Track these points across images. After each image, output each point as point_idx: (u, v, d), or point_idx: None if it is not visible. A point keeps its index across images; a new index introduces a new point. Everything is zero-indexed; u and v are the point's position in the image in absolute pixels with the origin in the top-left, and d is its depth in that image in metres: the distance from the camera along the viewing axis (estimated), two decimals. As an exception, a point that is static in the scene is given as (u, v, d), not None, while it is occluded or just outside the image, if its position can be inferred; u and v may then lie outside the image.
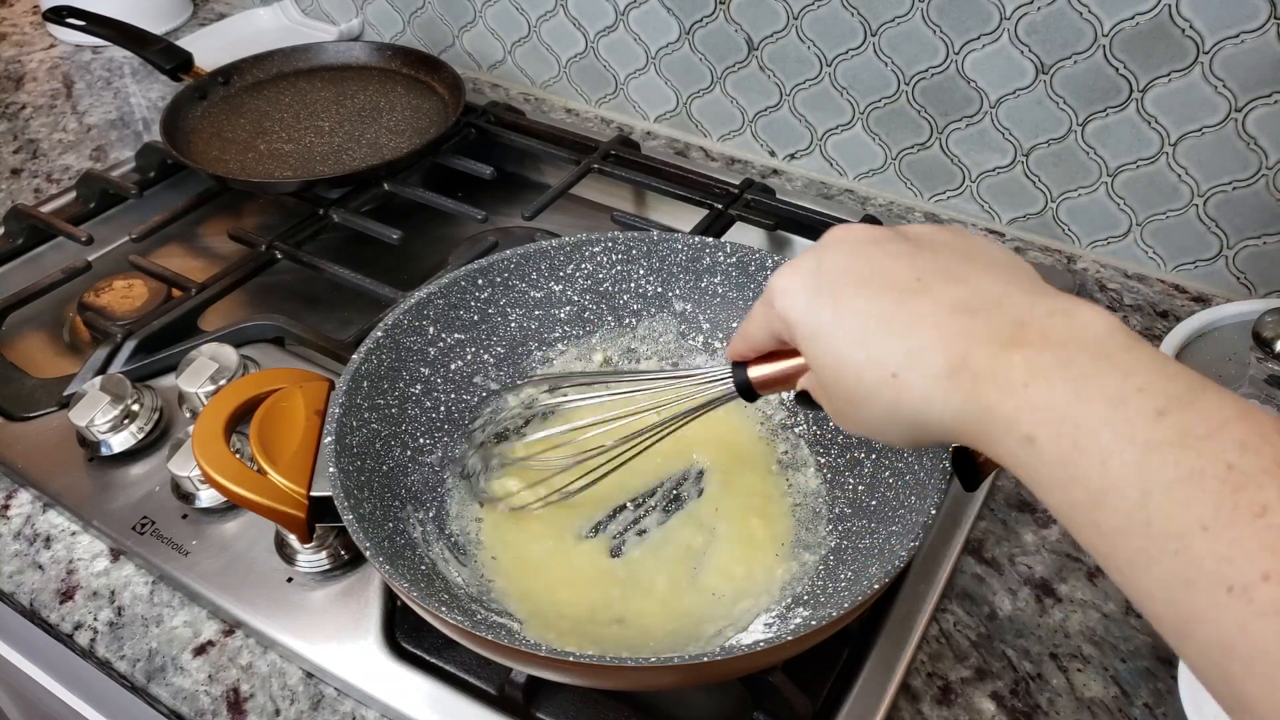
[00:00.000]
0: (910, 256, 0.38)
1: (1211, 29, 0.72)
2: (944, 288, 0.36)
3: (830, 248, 0.41)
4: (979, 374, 0.34)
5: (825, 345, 0.39)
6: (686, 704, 0.55)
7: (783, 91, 0.95)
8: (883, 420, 0.38)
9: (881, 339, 0.37)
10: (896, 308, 0.37)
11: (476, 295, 0.64)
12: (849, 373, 0.38)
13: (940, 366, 0.35)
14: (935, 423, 0.36)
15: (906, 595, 0.58)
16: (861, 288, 0.38)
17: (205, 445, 0.52)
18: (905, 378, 0.36)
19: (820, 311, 0.39)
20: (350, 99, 0.99)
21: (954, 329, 0.35)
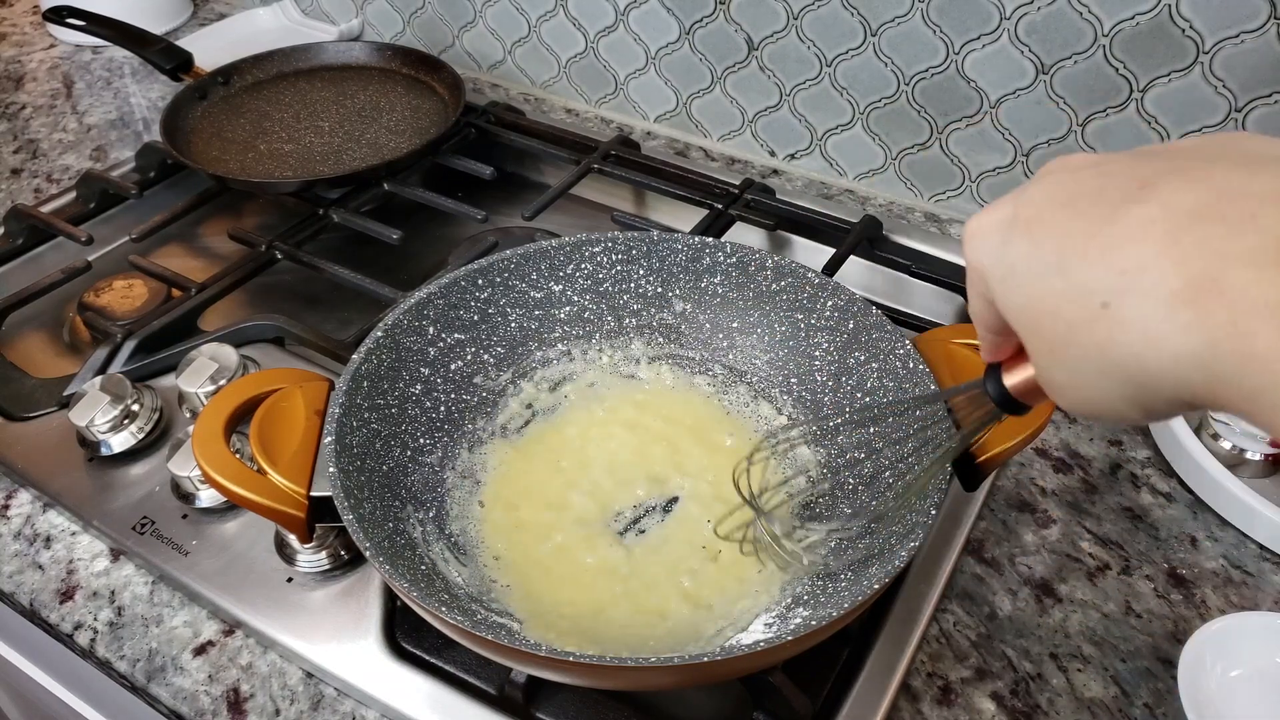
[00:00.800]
0: (1134, 163, 0.29)
1: (1211, 29, 0.72)
2: (1178, 190, 0.27)
3: (1037, 180, 0.32)
4: (1236, 300, 0.24)
5: (1019, 288, 0.30)
6: (686, 704, 0.55)
7: (783, 91, 0.95)
8: (1094, 376, 0.28)
9: (1085, 259, 0.28)
10: (1108, 221, 0.27)
11: (476, 295, 0.64)
12: (1046, 313, 0.29)
13: (1171, 288, 0.25)
14: (1169, 372, 0.26)
15: (906, 595, 0.58)
16: (1064, 208, 0.29)
17: (205, 445, 0.52)
18: (1119, 307, 0.26)
19: (1015, 245, 0.31)
20: (350, 99, 0.99)
21: (1193, 239, 0.25)
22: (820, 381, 0.62)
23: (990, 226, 0.32)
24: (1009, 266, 0.31)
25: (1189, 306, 0.25)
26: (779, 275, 0.63)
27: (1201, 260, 0.25)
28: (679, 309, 0.67)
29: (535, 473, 0.62)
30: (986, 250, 0.32)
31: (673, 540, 0.59)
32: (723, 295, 0.66)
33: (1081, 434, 0.70)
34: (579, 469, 0.62)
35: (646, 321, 0.67)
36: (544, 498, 0.61)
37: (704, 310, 0.66)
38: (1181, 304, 0.25)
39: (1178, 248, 0.25)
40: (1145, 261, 0.26)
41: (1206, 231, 0.25)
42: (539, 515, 0.60)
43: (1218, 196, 0.26)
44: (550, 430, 0.65)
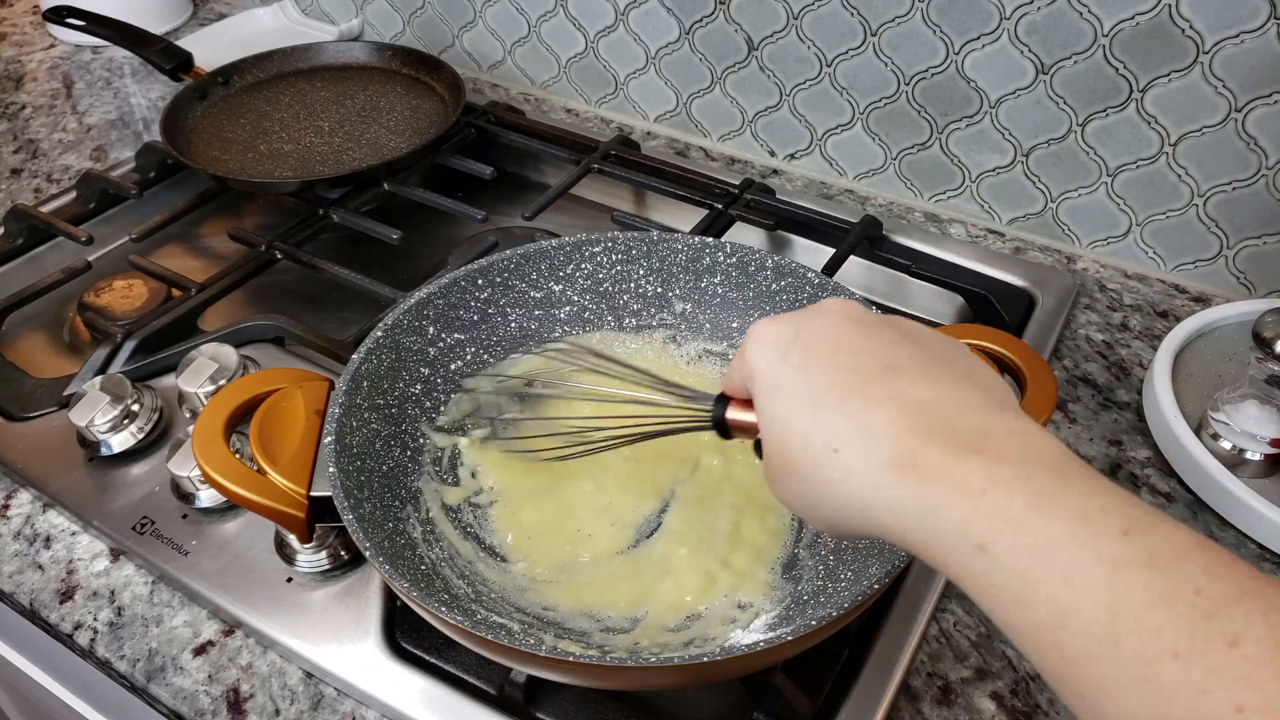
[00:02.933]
0: (891, 346, 0.37)
1: (1211, 29, 0.72)
2: (912, 383, 0.35)
3: (817, 314, 0.40)
4: (928, 472, 0.32)
5: (778, 404, 0.38)
6: (686, 704, 0.55)
7: (783, 91, 0.95)
8: (813, 497, 0.37)
9: (833, 412, 0.36)
10: (858, 387, 0.36)
11: (476, 295, 0.64)
12: (793, 437, 0.37)
13: (887, 455, 0.33)
14: (871, 513, 0.34)
15: (906, 595, 0.58)
16: (831, 358, 0.37)
17: (205, 445, 0.52)
18: (847, 456, 0.35)
19: (784, 368, 0.38)
20: (350, 99, 0.99)
21: (910, 422, 0.34)
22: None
23: (772, 339, 0.40)
24: (773, 382, 0.39)
25: (896, 470, 0.33)
26: (779, 275, 0.63)
27: (913, 439, 0.33)
28: (679, 309, 0.67)
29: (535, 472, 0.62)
30: (764, 358, 0.40)
31: (674, 539, 0.59)
32: (723, 295, 0.66)
33: (1081, 434, 0.70)
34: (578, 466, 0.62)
35: (646, 321, 0.67)
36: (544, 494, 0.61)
37: (704, 310, 0.66)
38: (891, 467, 0.33)
39: (898, 426, 0.34)
40: (875, 427, 0.34)
41: (923, 419, 0.34)
42: (543, 515, 0.60)
43: (937, 396, 0.35)
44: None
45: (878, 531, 0.35)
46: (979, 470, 0.31)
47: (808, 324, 0.39)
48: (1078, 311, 0.81)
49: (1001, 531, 0.30)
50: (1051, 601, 0.29)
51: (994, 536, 0.30)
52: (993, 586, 0.31)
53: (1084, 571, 0.28)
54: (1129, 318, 0.81)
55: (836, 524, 0.37)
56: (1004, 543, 0.30)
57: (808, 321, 0.39)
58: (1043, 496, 0.30)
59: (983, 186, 0.90)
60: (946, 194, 0.92)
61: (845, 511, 0.35)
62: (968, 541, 0.31)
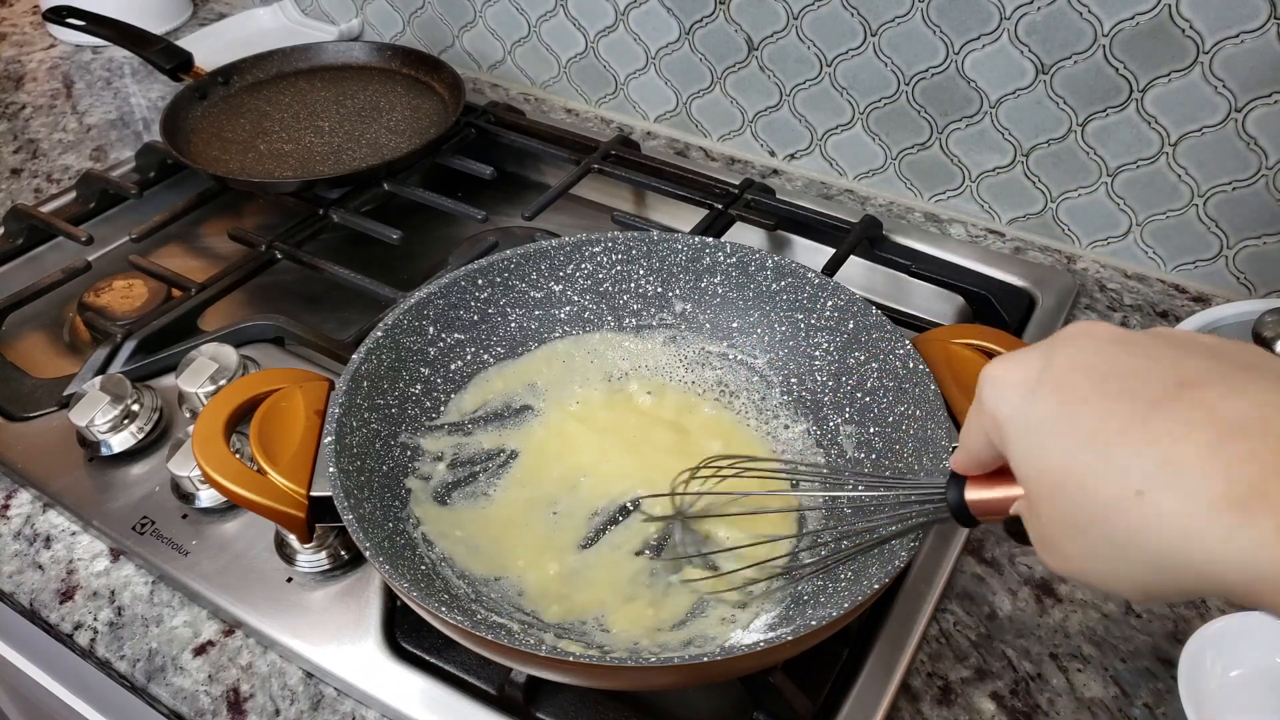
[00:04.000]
0: (1171, 360, 0.30)
1: (1211, 29, 0.72)
2: (1218, 397, 0.28)
3: (1065, 342, 0.33)
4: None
5: (1042, 446, 0.31)
6: (686, 704, 0.55)
7: (783, 91, 0.95)
8: (1111, 554, 0.30)
9: (1126, 445, 0.28)
10: (1151, 409, 0.28)
11: (476, 295, 0.64)
12: (1072, 483, 0.30)
13: (1216, 490, 0.26)
14: (1197, 566, 0.27)
15: (906, 595, 0.58)
16: (1102, 384, 0.30)
17: (205, 445, 0.52)
18: (1156, 498, 0.27)
19: (1040, 405, 0.31)
20: (350, 99, 0.99)
21: (1238, 448, 0.26)
22: (820, 381, 0.63)
23: (1015, 379, 0.33)
24: (1033, 424, 0.32)
25: (1235, 511, 0.26)
26: (779, 275, 0.63)
27: (1247, 469, 0.26)
28: (679, 309, 0.67)
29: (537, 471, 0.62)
30: (1008, 401, 0.33)
31: (673, 540, 0.59)
32: (723, 295, 0.66)
33: (1081, 434, 0.70)
34: (576, 467, 0.62)
35: (646, 321, 0.67)
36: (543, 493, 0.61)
37: (704, 310, 0.66)
38: (1227, 507, 0.26)
39: (1222, 454, 0.27)
40: (1187, 460, 0.27)
41: (1252, 443, 0.26)
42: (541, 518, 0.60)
43: (1259, 411, 0.27)
44: (549, 428, 0.65)
45: (1214, 589, 0.27)
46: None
47: (1056, 354, 0.32)
48: (1078, 311, 0.82)
49: None
50: None
51: None
52: None
53: None
54: (1129, 318, 0.81)
55: (1152, 585, 0.29)
56: None
57: (1055, 351, 0.32)
58: None
59: (983, 186, 0.90)
60: (946, 194, 0.92)
61: (1165, 567, 0.28)
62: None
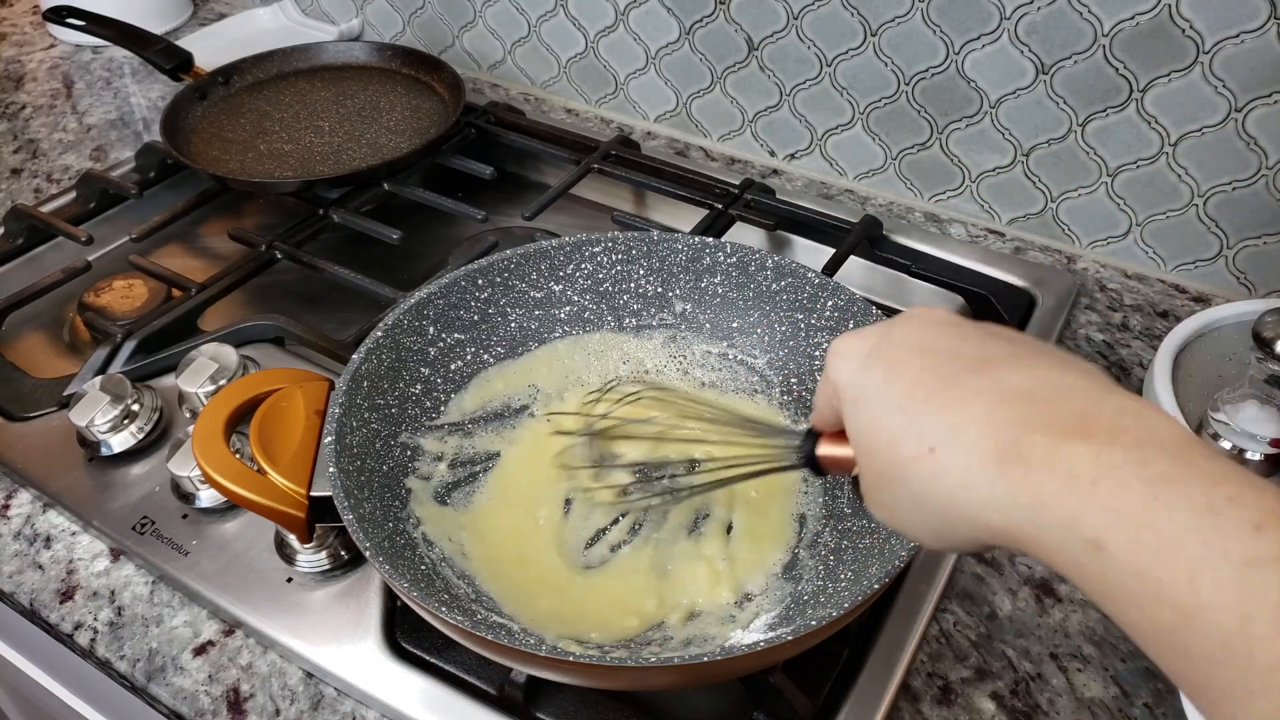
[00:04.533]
0: (980, 342, 0.35)
1: (1211, 29, 0.72)
2: (1008, 372, 0.33)
3: (901, 322, 0.38)
4: (1033, 463, 0.29)
5: (866, 412, 0.36)
6: (686, 704, 0.55)
7: (783, 91, 0.95)
8: (913, 506, 0.34)
9: (925, 410, 0.33)
10: (950, 382, 0.33)
11: (476, 295, 0.64)
12: (883, 441, 0.35)
13: (986, 448, 0.31)
14: (975, 514, 0.31)
15: (906, 595, 0.58)
16: (920, 358, 0.35)
17: (205, 445, 0.52)
18: (944, 455, 0.32)
19: (870, 376, 0.36)
20: (350, 99, 0.99)
21: (1009, 412, 0.31)
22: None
23: (854, 351, 0.38)
24: (861, 390, 0.36)
25: (997, 464, 0.30)
26: (779, 275, 0.63)
27: (1013, 428, 0.31)
28: (679, 309, 0.67)
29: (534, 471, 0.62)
30: (846, 370, 0.37)
31: (672, 539, 0.59)
32: (723, 295, 0.66)
33: (1081, 434, 0.70)
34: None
35: (646, 322, 0.67)
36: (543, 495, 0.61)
37: (704, 310, 0.66)
38: (991, 460, 0.31)
39: (995, 416, 0.31)
40: (969, 422, 0.32)
41: (1021, 408, 0.31)
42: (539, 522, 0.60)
43: (1036, 382, 0.32)
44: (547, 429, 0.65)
45: (986, 534, 0.32)
46: (1088, 457, 0.29)
47: (890, 333, 0.37)
48: (1078, 311, 0.82)
49: (1116, 525, 0.28)
50: (1175, 602, 0.26)
51: (1108, 531, 0.28)
52: (1108, 585, 0.28)
53: (1211, 571, 0.26)
54: (1129, 318, 0.81)
55: (943, 532, 0.34)
56: (1119, 538, 0.27)
57: (890, 330, 0.37)
58: (1161, 485, 0.27)
59: (983, 186, 0.90)
60: (946, 194, 0.92)
61: (950, 516, 0.33)
62: (1080, 536, 0.28)
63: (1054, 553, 0.30)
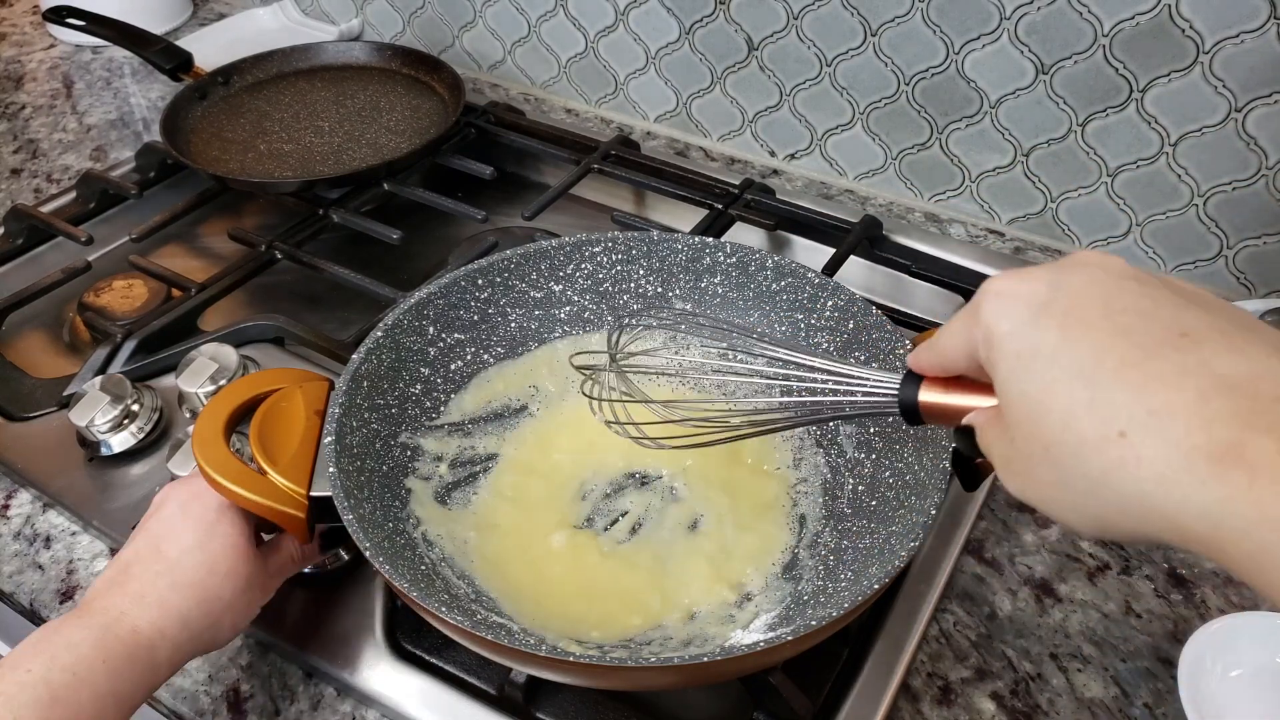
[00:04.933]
0: (1177, 309, 0.30)
1: (1211, 29, 0.72)
2: (1217, 353, 0.28)
3: (1076, 269, 0.32)
4: (1259, 469, 0.26)
5: (1034, 373, 0.31)
6: (686, 704, 0.55)
7: (783, 91, 0.95)
8: (1080, 491, 0.30)
9: (1114, 384, 0.29)
10: (1148, 355, 0.29)
11: (476, 295, 0.64)
12: (1055, 414, 0.30)
13: (1195, 441, 0.27)
14: (1167, 512, 0.28)
15: (906, 595, 0.58)
16: (1105, 320, 0.30)
17: (205, 445, 0.52)
18: (1136, 441, 0.28)
19: (1043, 331, 0.31)
20: (350, 99, 0.99)
21: (1225, 404, 0.27)
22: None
23: (1020, 296, 0.32)
24: (1031, 346, 0.31)
25: (1210, 463, 0.26)
26: (779, 275, 0.63)
27: (1228, 426, 0.27)
28: (679, 309, 0.67)
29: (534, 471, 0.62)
30: (1010, 318, 0.32)
31: (672, 540, 0.59)
32: (723, 295, 0.66)
33: (1081, 434, 0.70)
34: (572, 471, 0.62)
35: (646, 322, 0.67)
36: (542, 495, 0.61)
37: (704, 310, 0.66)
38: (1203, 459, 0.27)
39: (1208, 408, 0.27)
40: (1175, 409, 0.28)
41: (1238, 401, 0.27)
42: (537, 517, 0.60)
43: (1251, 372, 0.28)
44: (547, 430, 0.65)
45: (1175, 537, 0.28)
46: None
47: (1066, 279, 0.32)
48: (1078, 311, 0.81)
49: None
50: None
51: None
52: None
53: None
54: (1129, 318, 0.81)
55: (1110, 523, 0.30)
56: None
57: (1066, 275, 0.32)
58: None
59: (983, 186, 0.90)
60: (946, 194, 0.92)
61: (1131, 511, 0.29)
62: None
63: (1267, 571, 0.26)
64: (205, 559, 0.49)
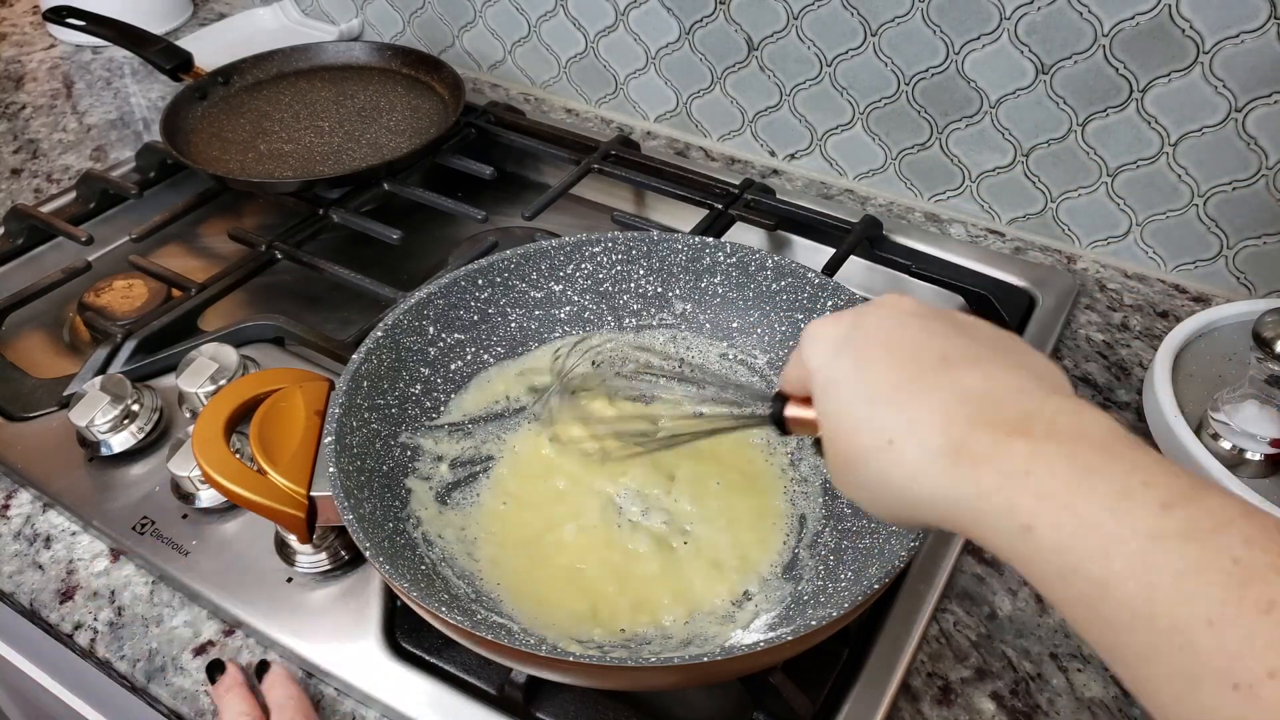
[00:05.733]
0: (945, 337, 0.38)
1: (1211, 29, 0.72)
2: (964, 372, 0.36)
3: (873, 311, 0.40)
4: (977, 458, 0.33)
5: (835, 399, 0.38)
6: (686, 704, 0.55)
7: (783, 91, 0.95)
8: (872, 488, 0.37)
9: (887, 404, 0.36)
10: (911, 380, 0.36)
11: (476, 295, 0.64)
12: (847, 430, 0.38)
13: (937, 444, 0.34)
14: (924, 501, 0.35)
15: (906, 595, 0.58)
16: (887, 352, 0.38)
17: (205, 445, 0.52)
18: (900, 447, 0.35)
19: (840, 364, 0.39)
20: (350, 99, 0.99)
21: (960, 412, 0.34)
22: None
23: (828, 336, 0.40)
24: (831, 377, 0.39)
25: (946, 458, 0.33)
26: (779, 275, 0.63)
27: (962, 428, 0.34)
28: (679, 309, 0.67)
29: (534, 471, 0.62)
30: (818, 354, 0.40)
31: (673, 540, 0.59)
32: (723, 295, 0.66)
33: (1081, 434, 0.70)
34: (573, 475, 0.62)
35: (646, 322, 0.67)
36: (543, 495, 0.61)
37: (704, 310, 0.66)
38: (941, 456, 0.34)
39: (948, 414, 0.34)
40: (925, 419, 0.35)
41: (972, 407, 0.34)
42: (535, 514, 0.60)
43: (988, 384, 0.35)
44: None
45: (935, 520, 0.35)
46: (1023, 452, 0.32)
47: (862, 320, 0.40)
48: (1078, 311, 0.82)
49: (1044, 511, 0.31)
50: (1092, 576, 0.29)
51: (1037, 516, 0.31)
52: (1038, 565, 0.31)
53: (1121, 545, 0.29)
54: (1129, 318, 0.81)
55: (899, 514, 0.37)
56: (1047, 521, 0.31)
57: (862, 318, 0.40)
58: (1086, 474, 0.31)
59: (983, 186, 0.90)
60: (946, 194, 0.92)
61: (904, 502, 0.36)
62: (1014, 523, 0.31)
63: (991, 537, 0.33)
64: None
